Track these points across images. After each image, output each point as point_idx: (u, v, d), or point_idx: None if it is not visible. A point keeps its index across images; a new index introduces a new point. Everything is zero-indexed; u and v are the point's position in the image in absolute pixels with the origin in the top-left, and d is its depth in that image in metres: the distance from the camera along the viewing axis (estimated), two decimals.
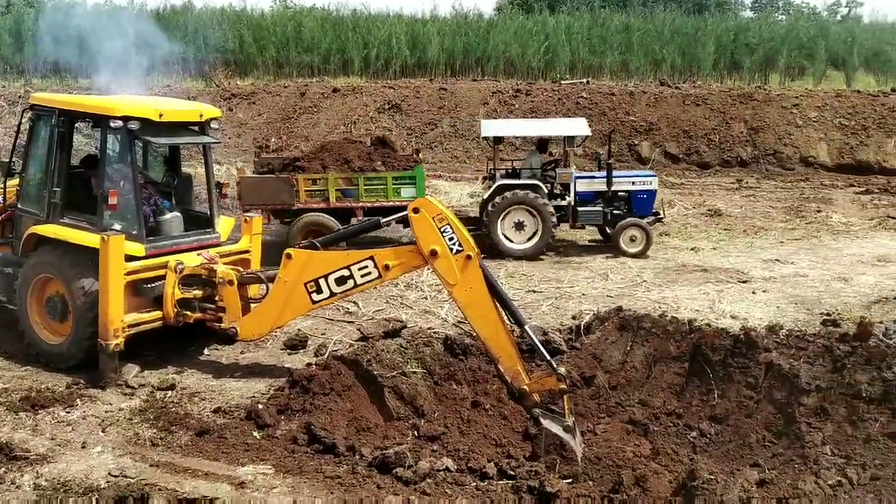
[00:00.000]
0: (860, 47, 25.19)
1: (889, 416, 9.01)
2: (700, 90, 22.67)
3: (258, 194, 13.86)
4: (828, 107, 20.90)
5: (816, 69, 24.64)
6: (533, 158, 15.31)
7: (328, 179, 13.91)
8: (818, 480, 8.32)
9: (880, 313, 10.57)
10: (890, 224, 15.65)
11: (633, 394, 10.03)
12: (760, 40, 25.10)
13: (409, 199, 13.82)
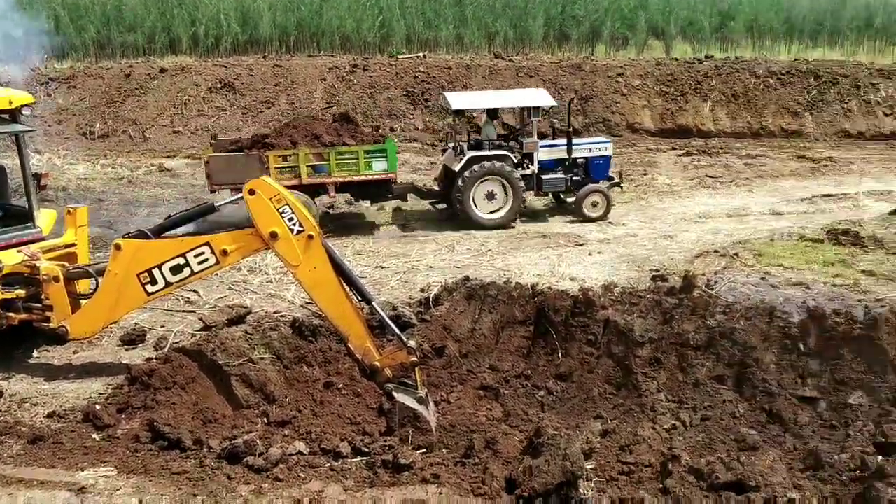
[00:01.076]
0: (676, 17, 26.72)
1: (714, 361, 9.76)
2: (532, 62, 23.36)
3: (227, 173, 13.26)
4: (650, 75, 22.13)
5: (638, 39, 25.94)
6: (488, 128, 15.38)
7: (299, 155, 13.59)
8: (655, 426, 8.89)
9: (702, 266, 11.36)
10: (708, 183, 16.85)
11: (484, 360, 10.29)
12: (586, 12, 26.14)
13: (382, 173, 14.00)
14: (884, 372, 9.23)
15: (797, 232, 12.81)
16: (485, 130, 15.33)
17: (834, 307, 9.79)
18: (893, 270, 10.85)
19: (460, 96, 15.73)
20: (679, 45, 26.67)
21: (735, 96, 21.33)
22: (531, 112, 15.27)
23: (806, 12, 26.64)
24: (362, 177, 13.93)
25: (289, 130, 14.38)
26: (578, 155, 15.38)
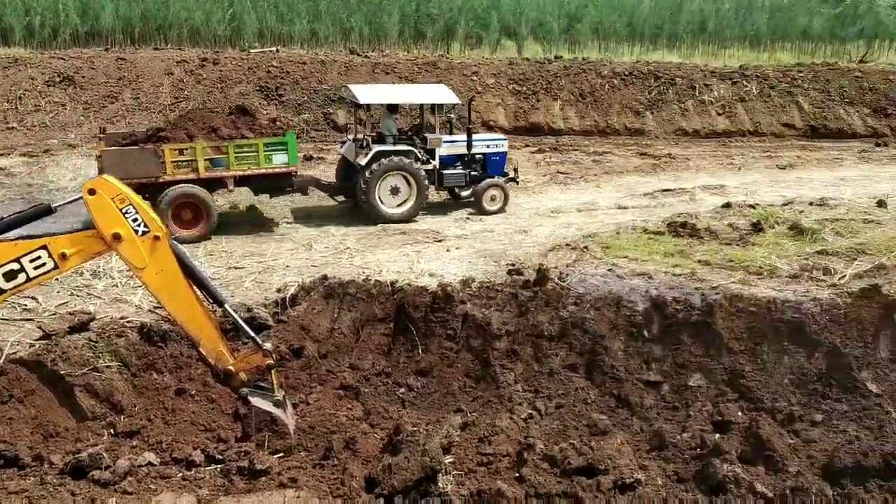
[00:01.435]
0: (527, 18, 27.49)
1: (567, 350, 10.14)
2: (388, 59, 23.37)
3: (122, 167, 12.25)
4: (503, 74, 22.65)
5: (491, 38, 26.48)
6: (387, 122, 15.26)
7: (196, 149, 12.97)
8: (513, 416, 9.12)
9: (555, 259, 11.76)
10: (560, 179, 17.46)
11: (344, 359, 10.22)
12: (440, 11, 26.42)
13: (282, 166, 13.53)
14: (719, 355, 9.90)
15: (640, 225, 13.50)
16: (385, 124, 15.29)
17: (674, 295, 10.40)
18: (726, 260, 11.62)
19: (366, 90, 15.54)
20: (531, 45, 27.46)
21: (583, 96, 22.21)
22: (435, 109, 15.42)
23: (646, 16, 28.10)
24: (262, 170, 13.55)
25: (185, 123, 13.76)
26: (477, 151, 15.68)
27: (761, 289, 10.60)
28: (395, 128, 15.41)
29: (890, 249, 11.93)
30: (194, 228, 13.25)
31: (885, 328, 9.89)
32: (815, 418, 9.08)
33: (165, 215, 12.76)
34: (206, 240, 13.26)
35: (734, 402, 9.33)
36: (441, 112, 15.60)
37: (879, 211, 14.07)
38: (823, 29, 28.71)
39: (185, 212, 13.20)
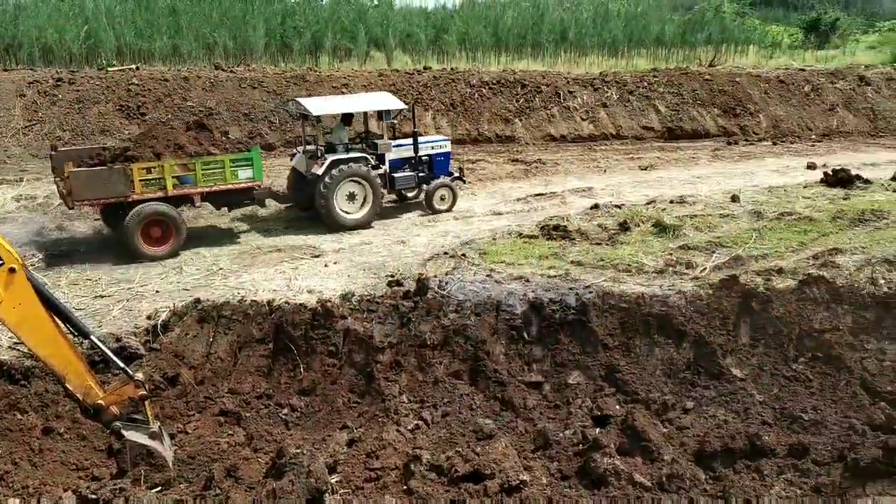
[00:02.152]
0: (395, 30, 27.62)
1: (450, 358, 10.21)
2: (255, 73, 22.90)
3: (91, 188, 12.42)
4: (373, 85, 22.62)
5: (359, 50, 26.43)
6: (340, 132, 15.46)
7: (164, 167, 12.88)
8: (400, 428, 9.11)
9: (434, 268, 11.85)
10: None
11: (222, 384, 9.90)
12: (307, 24, 26.14)
13: (248, 181, 13.60)
14: (595, 351, 10.25)
15: (515, 230, 13.80)
16: (337, 134, 15.46)
17: (550, 296, 10.69)
18: (597, 259, 12.06)
19: (316, 102, 15.65)
20: (399, 56, 27.60)
21: (453, 105, 22.50)
22: (383, 115, 15.74)
23: (510, 26, 28.80)
24: (229, 185, 13.51)
25: (148, 141, 13.48)
26: (423, 153, 16.06)
27: (630, 285, 11.06)
28: (346, 137, 15.67)
29: (745, 241, 12.72)
30: (164, 246, 13.13)
31: (744, 315, 10.52)
32: (686, 406, 9.53)
33: (135, 234, 12.78)
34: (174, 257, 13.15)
35: (612, 396, 9.67)
36: (388, 118, 15.89)
37: (734, 205, 14.94)
38: (675, 36, 30.32)
39: (153, 230, 13.07)
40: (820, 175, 17.27)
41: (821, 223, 13.57)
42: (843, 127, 24.26)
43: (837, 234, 13.04)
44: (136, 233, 12.83)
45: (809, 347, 10.24)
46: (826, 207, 14.55)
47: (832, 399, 9.64)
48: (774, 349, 10.28)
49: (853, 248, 12.19)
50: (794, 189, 16.47)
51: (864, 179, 16.58)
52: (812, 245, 12.55)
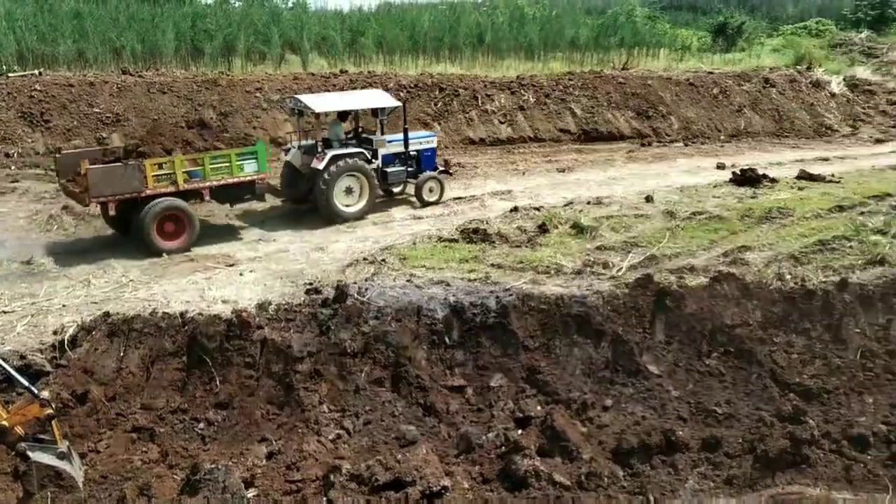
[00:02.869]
0: (310, 33, 27.23)
1: (371, 365, 10.10)
2: (165, 78, 22.22)
3: (106, 184, 12.61)
4: (288, 89, 22.22)
5: (273, 53, 25.97)
6: (337, 128, 15.88)
7: (175, 162, 13.17)
8: (321, 438, 8.98)
9: (353, 274, 11.69)
10: None
11: (134, 400, 9.56)
12: (218, 27, 25.52)
13: (253, 174, 13.98)
14: (516, 354, 10.29)
15: (435, 234, 13.75)
16: (334, 130, 15.89)
17: (471, 300, 10.70)
18: (517, 261, 12.13)
19: (316, 99, 16.37)
20: (316, 59, 27.24)
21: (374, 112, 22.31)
22: (378, 112, 16.33)
23: (427, 30, 28.82)
24: (235, 179, 13.84)
25: (157, 139, 13.80)
26: (412, 149, 16.61)
27: (550, 286, 11.17)
28: (342, 133, 16.07)
29: (659, 241, 13.01)
30: (178, 240, 13.38)
31: (659, 313, 10.75)
32: (606, 404, 9.68)
33: (151, 229, 13.02)
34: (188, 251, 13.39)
35: (533, 398, 9.74)
36: (383, 115, 16.42)
37: (648, 206, 15.28)
38: (589, 39, 30.86)
39: (167, 224, 13.27)
40: (729, 175, 17.83)
41: (730, 221, 14.01)
42: (750, 127, 25.12)
43: (746, 231, 13.48)
44: (152, 228, 13.05)
45: (722, 342, 10.53)
46: (735, 206, 15.03)
47: (744, 392, 9.94)
48: (689, 345, 10.53)
49: (761, 245, 12.63)
50: (704, 189, 16.95)
51: (770, 178, 17.20)
52: (722, 243, 12.94)
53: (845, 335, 10.66)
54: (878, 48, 33.18)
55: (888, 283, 11.17)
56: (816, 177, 17.35)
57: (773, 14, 51.65)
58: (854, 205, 14.77)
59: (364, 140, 16.35)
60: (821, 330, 10.78)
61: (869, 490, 8.16)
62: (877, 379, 10.25)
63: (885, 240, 12.48)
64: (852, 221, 13.49)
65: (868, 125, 25.88)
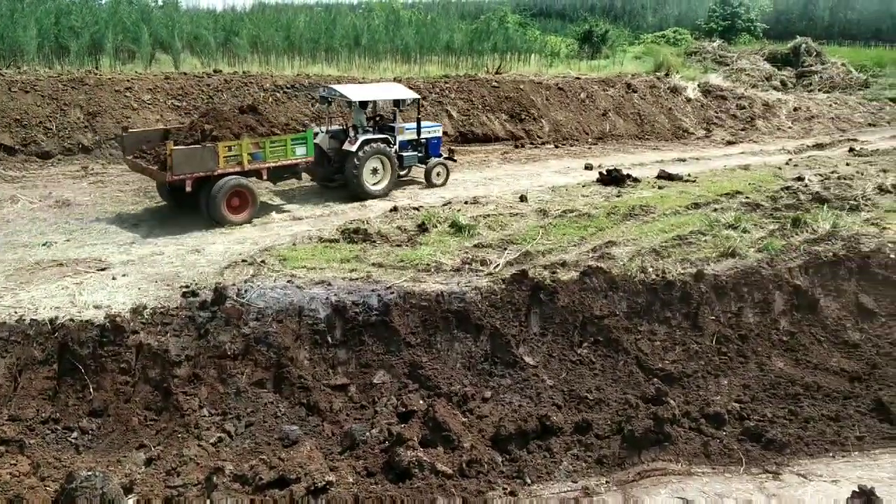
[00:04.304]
0: (181, 31, 26.45)
1: (253, 367, 10.07)
2: (27, 76, 21.08)
3: (188, 163, 14.17)
4: (159, 89, 21.57)
5: (143, 52, 25.08)
6: (360, 116, 17.59)
7: (242, 145, 14.82)
8: (201, 442, 8.89)
9: (232, 276, 11.56)
10: None
11: (1, 411, 9.13)
12: (84, 24, 24.39)
13: (301, 157, 15.82)
14: (399, 350, 10.52)
15: (316, 234, 13.79)
16: (358, 118, 17.55)
17: (353, 299, 10.83)
18: (398, 260, 12.36)
19: (349, 88, 18.07)
20: (188, 59, 26.49)
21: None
22: (398, 103, 18.62)
23: (303, 31, 28.59)
24: (289, 161, 15.64)
25: (208, 122, 15.30)
26: (423, 136, 18.67)
27: (430, 284, 11.46)
28: (365, 120, 17.84)
29: (532, 238, 13.57)
30: (243, 213, 15.00)
31: (533, 307, 11.24)
32: (485, 395, 10.05)
33: (221, 204, 14.59)
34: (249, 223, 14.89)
35: (416, 392, 9.97)
36: (402, 105, 18.79)
37: (522, 205, 15.87)
38: (463, 44, 31.48)
39: (234, 200, 14.86)
40: (596, 175, 18.74)
41: (598, 219, 14.76)
42: (614, 130, 26.36)
43: (612, 228, 14.24)
44: (223, 203, 14.63)
45: (592, 332, 11.13)
46: (602, 204, 15.83)
47: (612, 378, 10.56)
48: (562, 336, 11.07)
49: (626, 241, 13.40)
50: (574, 188, 17.75)
51: (633, 178, 18.20)
52: (591, 239, 13.63)
53: (702, 322, 11.50)
54: (729, 56, 35.56)
55: (739, 273, 12.13)
56: (675, 176, 18.51)
57: (635, 23, 54.31)
58: (708, 202, 15.89)
59: (384, 127, 18.37)
60: (680, 318, 11.58)
61: (725, 463, 8.90)
62: (730, 362, 11.14)
63: (735, 234, 13.52)
64: (707, 217, 14.53)
65: (720, 128, 27.71)
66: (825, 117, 29.68)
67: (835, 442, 9.49)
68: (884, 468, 9.09)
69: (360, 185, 17.00)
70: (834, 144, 25.30)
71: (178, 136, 15.15)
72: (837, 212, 14.70)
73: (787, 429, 9.62)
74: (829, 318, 12.00)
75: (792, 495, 8.46)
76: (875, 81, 34.74)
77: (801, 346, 11.46)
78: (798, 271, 12.35)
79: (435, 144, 19.12)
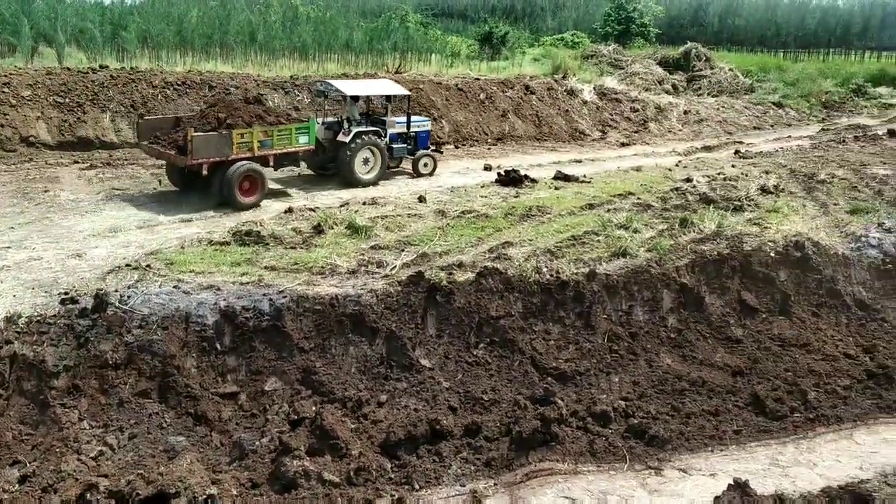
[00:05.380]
0: (65, 25, 25.20)
1: (136, 377, 9.64)
2: None
3: (206, 149, 15.37)
4: (40, 84, 20.41)
5: (24, 46, 23.74)
6: (353, 109, 19.15)
7: (253, 133, 16.08)
8: (81, 457, 8.45)
9: (115, 282, 11.02)
10: (115, 195, 16.35)
11: None
12: None
13: (304, 145, 17.13)
14: (292, 355, 10.29)
15: (206, 237, 13.31)
16: (351, 111, 19.09)
17: (243, 304, 10.52)
18: (292, 263, 12.08)
19: (345, 84, 19.82)
20: (74, 53, 25.25)
21: (135, 107, 21.08)
22: (389, 98, 19.98)
23: (195, 26, 27.70)
24: (293, 148, 16.97)
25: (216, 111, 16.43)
26: (412, 130, 19.92)
27: (325, 287, 11.25)
28: (358, 114, 19.41)
29: (430, 239, 13.53)
30: (253, 196, 16.19)
31: (430, 308, 11.21)
32: (381, 399, 9.93)
33: (234, 187, 15.77)
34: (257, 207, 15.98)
35: (308, 399, 9.76)
36: (393, 100, 20.20)
37: (421, 206, 15.82)
38: (363, 42, 31.23)
39: (245, 183, 16.03)
40: (495, 175, 18.89)
41: (495, 219, 14.86)
42: (513, 132, 26.67)
43: (509, 228, 14.36)
44: (236, 186, 15.80)
45: (488, 333, 11.18)
46: (500, 205, 15.95)
47: (508, 378, 10.63)
48: (458, 338, 11.08)
49: (522, 241, 13.53)
50: (473, 189, 17.83)
51: (531, 179, 18.43)
52: (488, 240, 13.70)
53: (594, 321, 11.73)
54: (624, 60, 36.59)
55: (629, 272, 12.43)
56: (570, 177, 18.85)
57: (535, 25, 55.24)
58: (602, 202, 16.25)
59: (376, 121, 19.70)
60: (574, 317, 11.78)
61: (610, 461, 9.08)
62: (621, 359, 11.40)
63: (626, 234, 13.85)
64: (600, 218, 14.84)
65: (615, 130, 28.46)
66: (713, 120, 30.90)
67: (713, 436, 9.84)
68: (759, 460, 9.49)
69: (352, 173, 18.28)
70: (721, 147, 26.36)
71: (191, 124, 16.13)
72: (722, 212, 15.27)
73: (670, 425, 9.91)
74: (714, 314, 12.46)
75: (672, 490, 8.71)
76: (760, 86, 36.41)
77: (688, 343, 11.85)
78: (685, 270, 12.76)
79: (423, 137, 20.40)
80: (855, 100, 36.46)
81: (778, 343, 12.17)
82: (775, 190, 17.29)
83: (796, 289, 13.30)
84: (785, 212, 15.53)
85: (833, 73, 39.38)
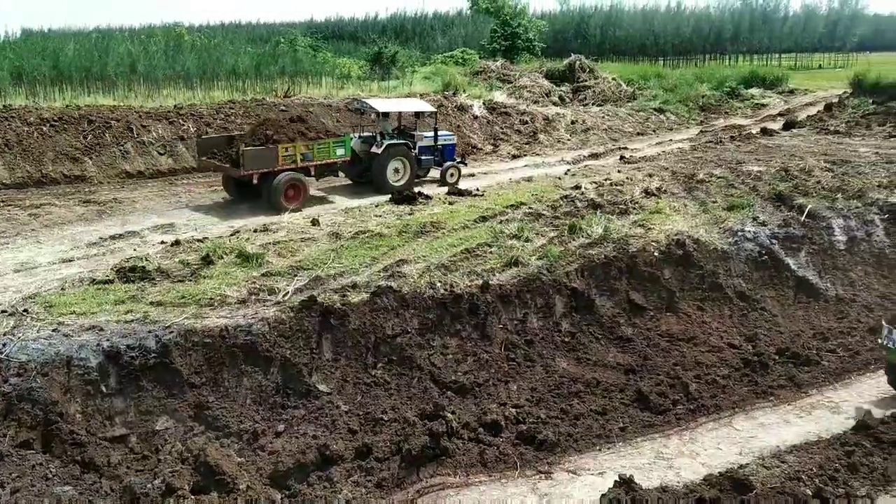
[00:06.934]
0: None
1: (17, 427, 9.14)
2: None
3: (255, 161, 17.72)
4: None
5: None
6: (386, 124, 21.52)
7: (296, 147, 18.42)
8: None
9: None
10: None
11: None
12: None
13: (341, 157, 19.51)
14: (182, 392, 9.97)
15: (88, 276, 12.78)
16: (383, 126, 21.39)
17: (128, 343, 10.14)
18: (179, 297, 11.72)
19: (378, 102, 22.09)
20: None
21: (9, 146, 20.13)
22: (419, 115, 23.12)
23: (72, 60, 26.71)
24: (332, 160, 19.32)
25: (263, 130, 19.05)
26: (439, 143, 22.07)
27: (214, 319, 10.97)
28: (390, 128, 21.77)
29: (324, 262, 13.39)
30: (297, 201, 18.31)
31: (325, 332, 11.09)
32: (278, 429, 9.73)
33: (281, 194, 18.02)
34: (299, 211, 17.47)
35: (202, 435, 9.47)
36: (421, 116, 23.20)
37: (314, 229, 15.63)
38: (249, 68, 30.80)
39: (290, 191, 18.28)
40: (389, 195, 18.92)
41: (390, 238, 14.83)
42: None
43: (404, 246, 14.37)
44: (282, 193, 18.03)
45: (385, 353, 11.15)
46: (394, 223, 15.95)
47: (407, 396, 10.60)
48: (355, 360, 11.00)
49: (416, 258, 13.55)
50: (367, 209, 17.77)
51: (425, 195, 18.54)
52: (383, 259, 13.67)
53: (490, 332, 11.87)
54: (512, 74, 37.33)
55: (522, 281, 12.65)
56: (464, 191, 19.07)
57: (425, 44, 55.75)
58: (495, 214, 16.46)
59: (407, 135, 21.91)
60: (470, 329, 11.88)
61: (501, 469, 9.17)
62: (519, 367, 11.56)
63: (518, 243, 14.09)
64: (492, 229, 15.04)
65: (506, 143, 28.96)
66: (599, 128, 31.88)
67: (601, 435, 10.08)
68: (644, 455, 9.78)
69: (385, 181, 20.39)
70: (607, 153, 27.19)
71: (243, 141, 18.49)
72: (609, 216, 15.74)
73: (559, 428, 10.09)
74: (605, 316, 12.81)
75: (562, 492, 8.85)
76: (641, 94, 37.81)
77: (582, 346, 12.13)
78: (575, 275, 13.08)
79: (450, 150, 22.64)
80: (730, 101, 38.34)
81: (666, 339, 12.61)
82: (658, 192, 17.95)
83: (680, 285, 13.84)
84: (667, 212, 16.14)
85: (708, 77, 41.35)
